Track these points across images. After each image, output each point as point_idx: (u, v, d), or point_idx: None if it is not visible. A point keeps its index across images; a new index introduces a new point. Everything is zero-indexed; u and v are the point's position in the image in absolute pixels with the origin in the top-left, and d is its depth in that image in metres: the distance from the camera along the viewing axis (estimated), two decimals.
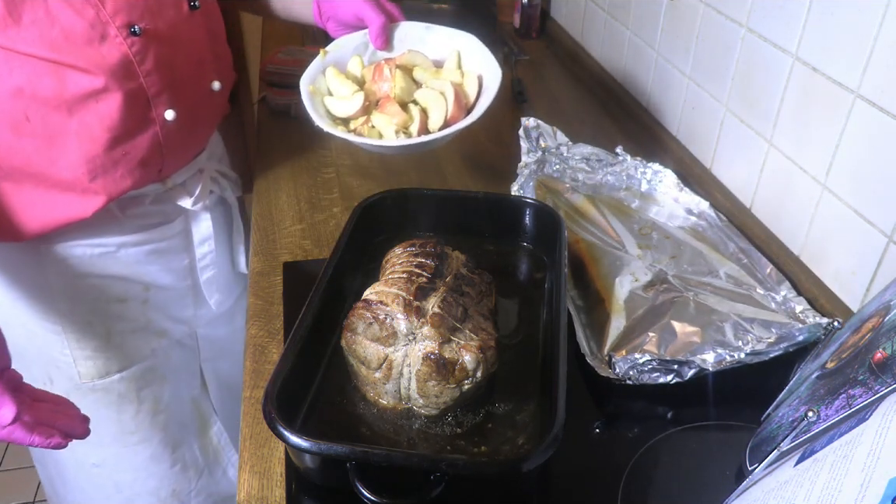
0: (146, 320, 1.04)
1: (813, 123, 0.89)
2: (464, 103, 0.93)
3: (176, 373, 1.12)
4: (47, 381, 1.02)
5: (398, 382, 0.72)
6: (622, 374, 0.77)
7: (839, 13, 0.83)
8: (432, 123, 0.92)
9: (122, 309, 1.01)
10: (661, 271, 0.92)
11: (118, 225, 0.95)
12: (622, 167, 1.12)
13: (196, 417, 1.18)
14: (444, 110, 0.91)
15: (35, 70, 0.78)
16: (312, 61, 0.97)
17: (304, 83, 0.94)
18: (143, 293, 1.02)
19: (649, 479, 0.70)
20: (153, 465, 1.12)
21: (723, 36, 1.06)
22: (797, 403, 0.65)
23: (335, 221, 1.09)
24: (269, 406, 0.63)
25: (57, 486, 1.18)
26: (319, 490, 0.70)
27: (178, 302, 1.08)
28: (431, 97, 0.93)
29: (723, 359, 0.77)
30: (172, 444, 1.14)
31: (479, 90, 0.95)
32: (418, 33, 1.00)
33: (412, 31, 1.00)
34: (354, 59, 0.99)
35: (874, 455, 0.44)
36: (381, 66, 0.95)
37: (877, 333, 0.60)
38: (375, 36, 0.97)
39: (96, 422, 1.05)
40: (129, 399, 1.06)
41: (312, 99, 0.93)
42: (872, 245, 0.81)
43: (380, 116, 0.92)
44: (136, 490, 1.13)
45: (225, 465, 1.25)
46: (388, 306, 0.71)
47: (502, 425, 0.71)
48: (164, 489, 1.16)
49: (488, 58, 0.96)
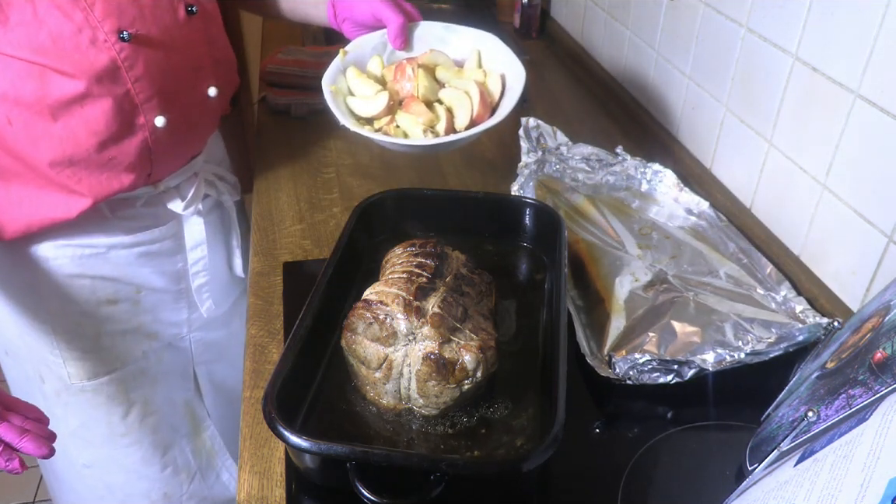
0: (137, 323, 1.04)
1: (813, 123, 0.89)
2: (489, 102, 0.93)
3: (167, 375, 1.11)
4: (39, 379, 1.02)
5: (398, 382, 0.72)
6: (622, 374, 0.77)
7: (839, 13, 0.83)
8: (458, 122, 0.92)
9: (113, 311, 1.00)
10: (661, 271, 0.92)
11: (108, 226, 0.94)
12: (622, 167, 1.12)
13: (188, 420, 1.17)
14: (470, 109, 0.91)
15: (18, 73, 0.77)
16: (332, 61, 0.96)
17: (326, 83, 0.94)
18: (134, 295, 1.02)
19: (649, 479, 0.70)
20: (144, 468, 1.12)
21: (723, 36, 1.06)
22: (797, 403, 0.65)
23: (335, 221, 1.09)
24: (269, 406, 0.63)
25: (53, 486, 1.18)
26: (319, 490, 0.70)
27: (170, 305, 1.07)
28: (456, 96, 0.92)
29: (723, 359, 0.77)
30: (163, 446, 1.13)
31: (502, 89, 0.95)
32: (437, 33, 1.00)
33: (431, 31, 1.00)
34: (375, 58, 0.98)
35: (874, 455, 0.44)
36: (403, 66, 0.94)
37: (877, 333, 0.60)
38: (394, 36, 0.97)
39: (86, 423, 1.05)
40: (118, 401, 1.05)
41: (335, 99, 0.93)
42: (872, 245, 0.81)
43: (405, 116, 0.91)
44: (127, 492, 1.13)
45: (218, 469, 1.24)
46: (388, 306, 0.71)
47: (502, 425, 0.71)
48: (156, 492, 1.15)
49: (510, 57, 0.96)
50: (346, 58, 0.97)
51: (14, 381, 1.07)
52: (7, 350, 1.03)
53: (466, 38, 0.99)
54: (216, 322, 1.15)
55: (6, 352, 1.04)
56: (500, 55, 0.97)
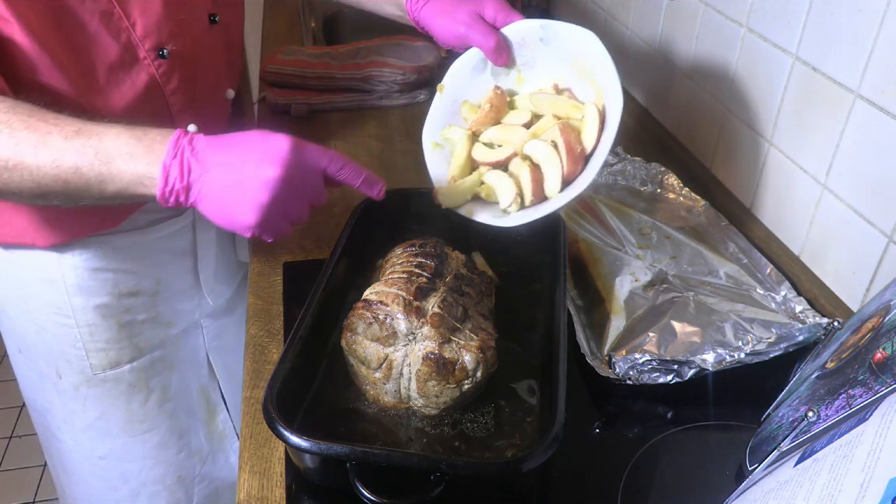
0: (156, 312, 1.06)
1: (813, 123, 0.89)
2: (579, 151, 0.78)
3: (184, 361, 1.13)
4: (55, 375, 1.03)
5: (398, 382, 0.72)
6: (622, 374, 0.77)
7: (839, 13, 0.83)
8: (549, 187, 0.79)
9: (134, 302, 1.02)
10: (661, 271, 0.92)
11: (130, 220, 0.96)
12: (622, 167, 1.12)
13: (203, 404, 1.20)
14: (560, 167, 0.77)
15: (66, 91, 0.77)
16: (431, 105, 0.87)
17: (428, 137, 0.84)
18: (154, 286, 1.03)
19: (649, 479, 0.70)
20: (160, 453, 1.14)
21: (723, 36, 1.06)
22: (797, 403, 0.65)
23: (335, 221, 1.09)
24: (269, 406, 0.63)
25: (62, 480, 1.19)
26: (319, 490, 0.70)
27: (185, 293, 1.10)
28: (543, 152, 0.78)
29: (723, 359, 0.77)
30: (179, 431, 1.15)
31: (600, 127, 0.79)
32: (534, 32, 0.87)
33: (528, 34, 0.87)
34: (481, 78, 0.87)
35: (874, 455, 0.44)
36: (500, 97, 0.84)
37: (877, 333, 0.60)
38: (493, 59, 0.88)
39: (106, 412, 1.07)
40: (138, 388, 1.07)
41: (433, 157, 0.83)
42: (872, 245, 0.81)
43: (499, 177, 0.80)
44: (142, 479, 1.15)
45: (227, 451, 1.26)
46: (388, 306, 0.71)
47: (502, 425, 0.71)
48: (170, 476, 1.17)
49: (609, 71, 0.79)
50: (445, 93, 0.86)
51: (25, 377, 1.08)
52: (20, 348, 1.04)
53: (565, 39, 0.85)
54: (222, 308, 1.18)
55: (19, 350, 1.05)
56: (598, 69, 0.81)
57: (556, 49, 0.87)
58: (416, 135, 0.91)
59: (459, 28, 0.88)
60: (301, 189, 0.68)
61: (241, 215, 0.66)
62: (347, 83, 1.42)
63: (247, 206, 0.65)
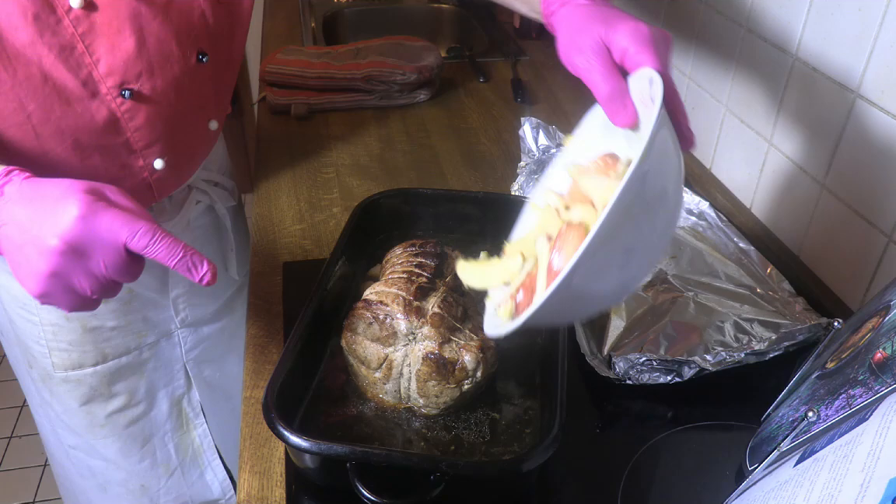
0: (126, 321, 1.03)
1: (813, 123, 0.89)
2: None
3: (155, 370, 1.11)
4: (27, 365, 1.03)
5: (398, 382, 0.72)
6: (622, 374, 0.77)
7: (839, 13, 0.83)
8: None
9: (103, 309, 1.00)
10: (661, 271, 0.92)
11: None
12: None
13: (175, 416, 1.17)
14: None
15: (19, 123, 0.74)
16: (552, 162, 0.68)
17: (537, 192, 0.66)
18: (125, 295, 1.01)
19: (649, 479, 0.70)
20: (122, 459, 1.13)
21: (723, 36, 1.06)
22: (797, 403, 0.65)
23: (335, 221, 1.09)
24: (269, 406, 0.63)
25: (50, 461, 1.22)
26: (319, 490, 0.70)
27: (157, 304, 1.07)
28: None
29: (723, 359, 0.77)
30: (142, 439, 1.14)
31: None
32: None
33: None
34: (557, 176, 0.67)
35: (874, 455, 0.44)
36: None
37: (877, 333, 0.60)
38: (608, 113, 0.64)
39: (68, 410, 1.07)
40: (100, 392, 1.06)
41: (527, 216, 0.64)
42: (872, 245, 0.81)
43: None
44: (107, 478, 1.15)
45: (203, 468, 1.23)
46: (388, 306, 0.71)
47: (502, 426, 0.71)
48: (133, 482, 1.16)
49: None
50: (572, 145, 0.67)
51: (10, 358, 1.10)
52: (1, 331, 1.05)
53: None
54: (205, 318, 1.15)
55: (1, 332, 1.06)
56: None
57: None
58: (416, 135, 0.91)
59: (576, 59, 0.66)
60: (90, 264, 0.58)
61: (25, 281, 0.58)
62: (347, 83, 1.42)
63: (30, 274, 0.57)
